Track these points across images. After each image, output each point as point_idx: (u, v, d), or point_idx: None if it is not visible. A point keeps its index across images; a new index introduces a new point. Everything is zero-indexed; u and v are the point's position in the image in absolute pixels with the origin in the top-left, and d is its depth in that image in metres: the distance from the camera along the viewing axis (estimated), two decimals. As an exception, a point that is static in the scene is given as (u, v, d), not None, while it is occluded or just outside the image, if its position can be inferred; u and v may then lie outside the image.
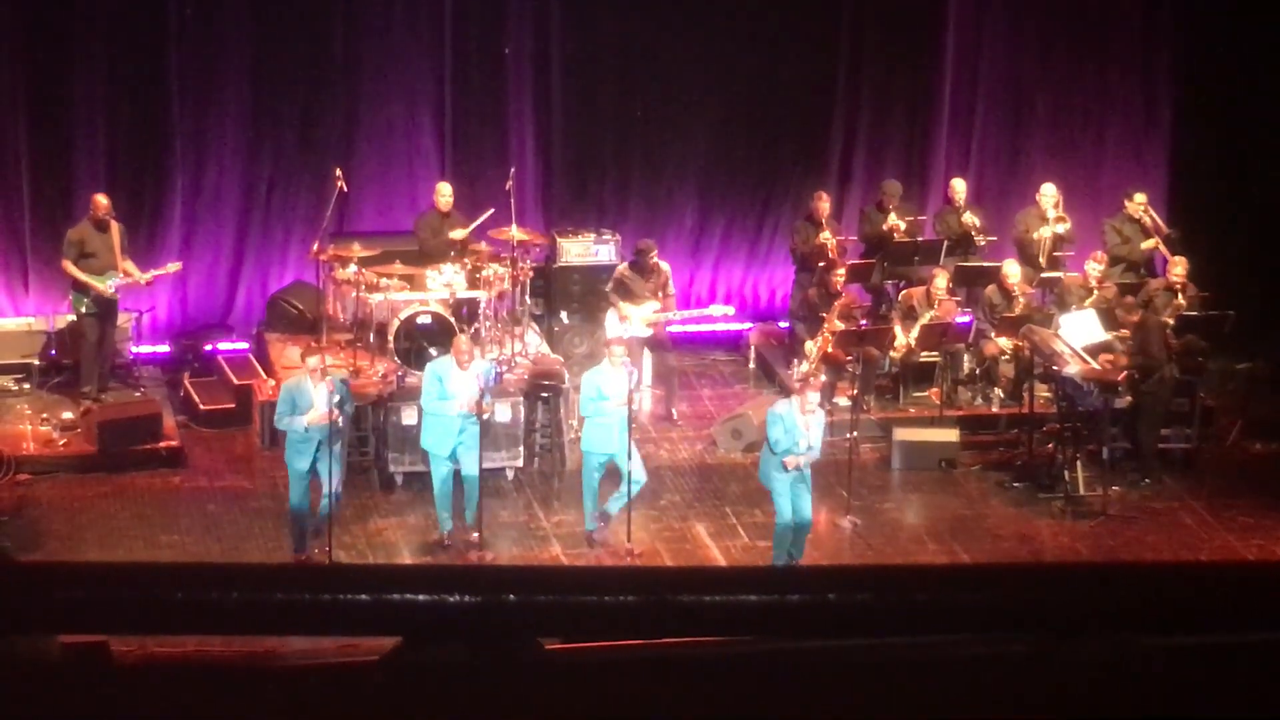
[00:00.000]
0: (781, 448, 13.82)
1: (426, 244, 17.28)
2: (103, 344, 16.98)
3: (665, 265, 17.53)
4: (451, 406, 14.24)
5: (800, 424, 13.83)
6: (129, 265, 16.84)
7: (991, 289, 17.46)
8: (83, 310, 16.78)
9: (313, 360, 14.14)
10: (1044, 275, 18.07)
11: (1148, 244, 18.18)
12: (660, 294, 17.25)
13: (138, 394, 17.18)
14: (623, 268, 17.48)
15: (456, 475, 14.53)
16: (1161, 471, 16.34)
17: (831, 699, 3.22)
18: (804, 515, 14.08)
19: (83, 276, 16.66)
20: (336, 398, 13.75)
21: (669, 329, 17.62)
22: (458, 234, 17.16)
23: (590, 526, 14.82)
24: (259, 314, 18.49)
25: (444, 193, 17.55)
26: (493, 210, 17.29)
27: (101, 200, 16.83)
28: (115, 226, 16.84)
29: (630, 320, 17.04)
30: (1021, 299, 17.29)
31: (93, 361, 16.93)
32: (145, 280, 16.96)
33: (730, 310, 18.04)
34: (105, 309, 16.83)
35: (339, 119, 18.76)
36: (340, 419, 13.79)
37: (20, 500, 15.28)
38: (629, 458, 14.34)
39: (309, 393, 13.82)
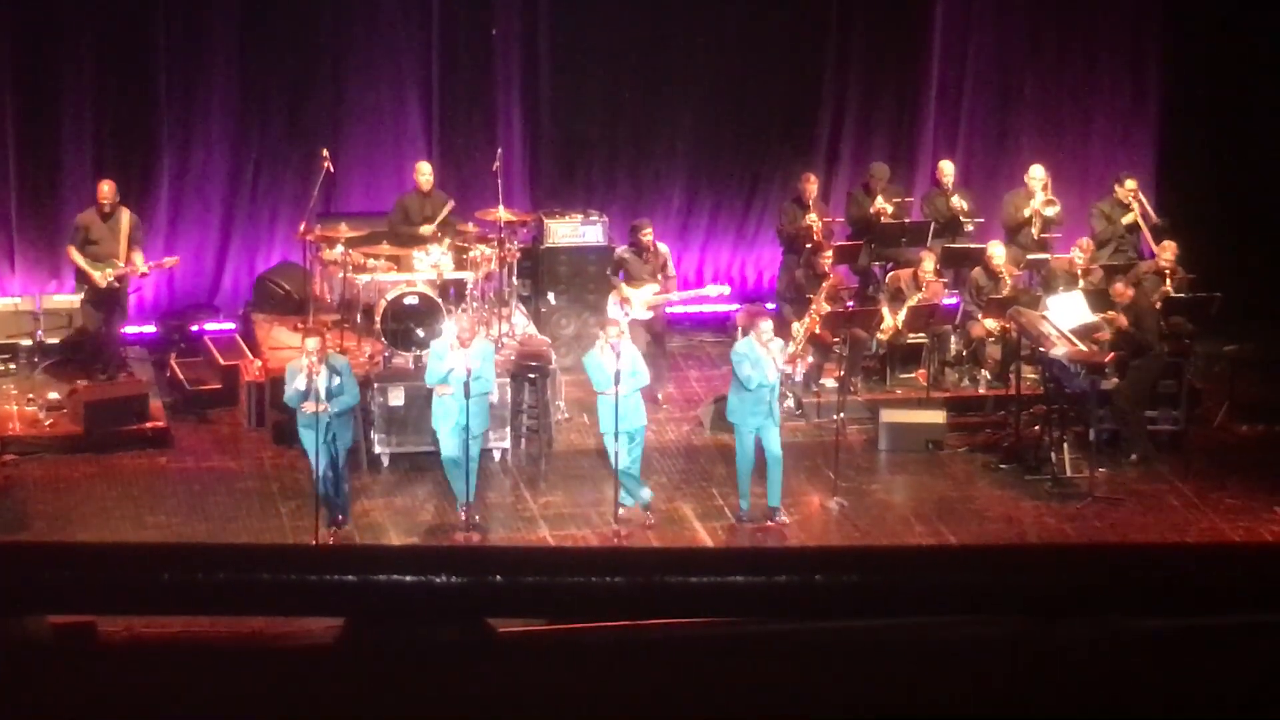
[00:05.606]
0: (755, 382, 14.36)
1: (396, 228, 17.21)
2: (106, 330, 16.88)
3: (664, 247, 17.47)
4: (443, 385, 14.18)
5: (764, 355, 14.34)
6: (136, 256, 16.69)
7: (978, 271, 17.46)
8: (81, 297, 16.74)
9: (311, 343, 13.89)
10: (1031, 257, 18.07)
11: (1127, 218, 18.15)
12: (660, 276, 17.21)
13: (122, 374, 17.14)
14: (622, 250, 17.41)
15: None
16: (1152, 448, 16.35)
17: (817, 681, 3.22)
18: (774, 450, 14.61)
19: (82, 264, 16.58)
20: (336, 380, 13.65)
21: (669, 310, 17.61)
22: (426, 229, 17.00)
23: (625, 502, 14.75)
24: (246, 294, 18.47)
25: (424, 172, 17.48)
26: (453, 203, 17.22)
27: (103, 187, 16.70)
28: (126, 216, 16.69)
29: (631, 303, 16.95)
30: (1008, 281, 17.29)
31: (97, 347, 16.88)
32: (141, 273, 16.86)
33: (726, 289, 18.07)
34: (101, 297, 16.69)
35: (326, 100, 18.73)
36: (331, 406, 13.67)
37: (7, 481, 15.25)
38: (614, 439, 14.33)
39: (311, 377, 13.62)
